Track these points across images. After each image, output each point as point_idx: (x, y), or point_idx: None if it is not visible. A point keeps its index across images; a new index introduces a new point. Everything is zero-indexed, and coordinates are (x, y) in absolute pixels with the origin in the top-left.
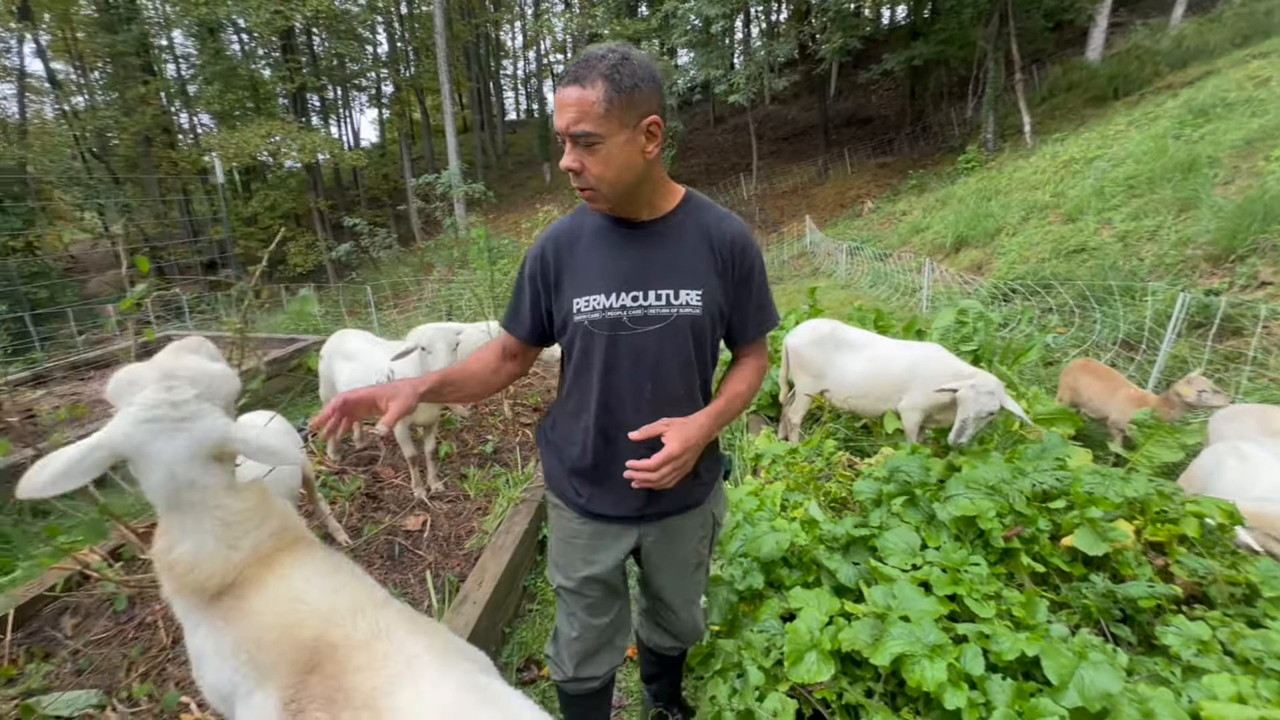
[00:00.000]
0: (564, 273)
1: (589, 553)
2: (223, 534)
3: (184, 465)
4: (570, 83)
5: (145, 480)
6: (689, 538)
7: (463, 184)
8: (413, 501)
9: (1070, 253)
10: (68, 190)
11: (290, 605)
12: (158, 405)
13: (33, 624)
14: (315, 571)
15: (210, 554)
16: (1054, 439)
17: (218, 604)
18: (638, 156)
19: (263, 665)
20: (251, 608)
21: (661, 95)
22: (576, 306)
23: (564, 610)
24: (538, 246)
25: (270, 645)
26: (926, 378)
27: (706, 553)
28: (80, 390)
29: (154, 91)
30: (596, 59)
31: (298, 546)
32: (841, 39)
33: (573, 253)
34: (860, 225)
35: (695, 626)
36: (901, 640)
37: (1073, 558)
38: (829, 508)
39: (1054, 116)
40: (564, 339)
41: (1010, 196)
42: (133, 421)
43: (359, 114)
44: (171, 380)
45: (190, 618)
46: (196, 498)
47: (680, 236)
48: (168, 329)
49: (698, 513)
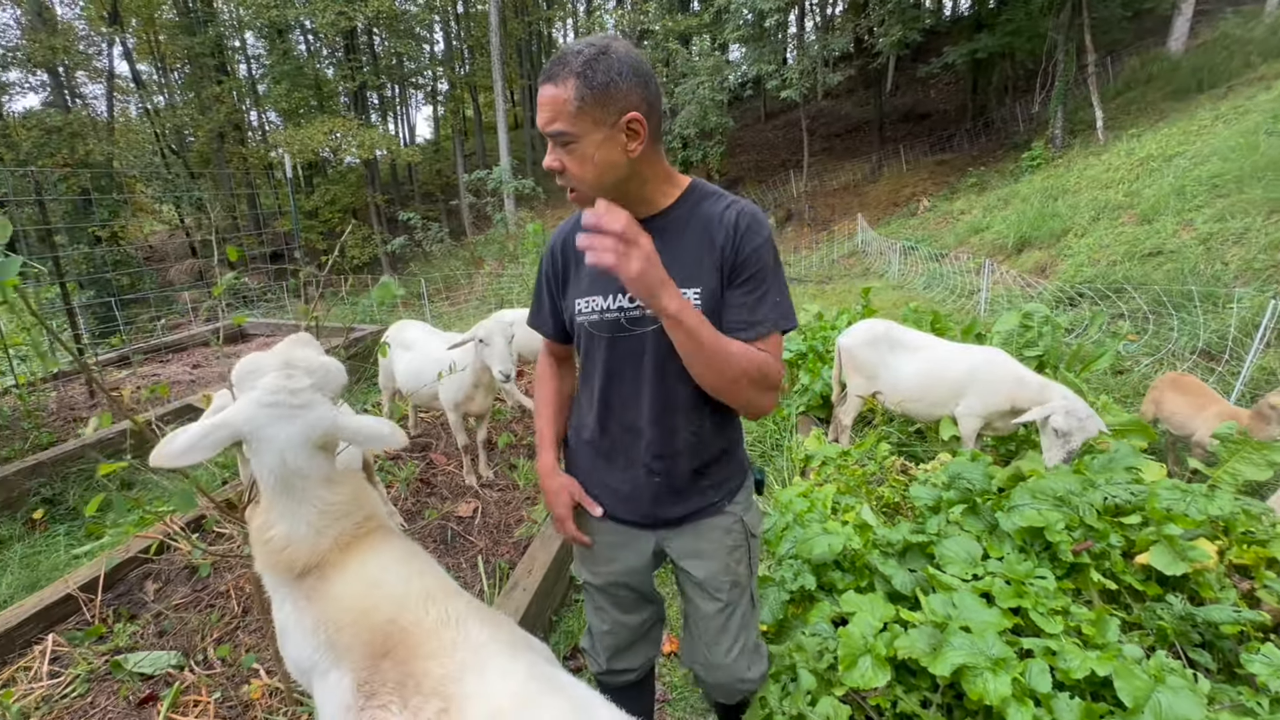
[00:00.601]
0: (569, 272)
1: (608, 551)
2: (315, 521)
3: (294, 450)
4: (544, 80)
5: (257, 461)
6: (717, 546)
7: (513, 180)
8: (464, 488)
9: (1145, 255)
10: (149, 184)
11: (367, 590)
12: (278, 391)
13: (120, 586)
14: (392, 559)
15: (301, 538)
16: (1125, 450)
17: (302, 582)
18: (619, 155)
19: (339, 646)
20: (332, 590)
21: (648, 89)
22: (578, 307)
23: (591, 604)
24: (549, 245)
25: (346, 627)
26: (986, 383)
27: (745, 572)
28: (159, 372)
29: (227, 91)
30: (571, 55)
31: (378, 535)
32: (901, 32)
33: (576, 253)
34: (915, 224)
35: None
36: (963, 651)
37: (1147, 576)
38: (881, 512)
39: (1129, 111)
40: (574, 340)
41: (1079, 195)
42: (254, 404)
43: (415, 111)
44: (290, 369)
45: (278, 592)
46: (299, 484)
47: (679, 232)
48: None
49: (721, 520)
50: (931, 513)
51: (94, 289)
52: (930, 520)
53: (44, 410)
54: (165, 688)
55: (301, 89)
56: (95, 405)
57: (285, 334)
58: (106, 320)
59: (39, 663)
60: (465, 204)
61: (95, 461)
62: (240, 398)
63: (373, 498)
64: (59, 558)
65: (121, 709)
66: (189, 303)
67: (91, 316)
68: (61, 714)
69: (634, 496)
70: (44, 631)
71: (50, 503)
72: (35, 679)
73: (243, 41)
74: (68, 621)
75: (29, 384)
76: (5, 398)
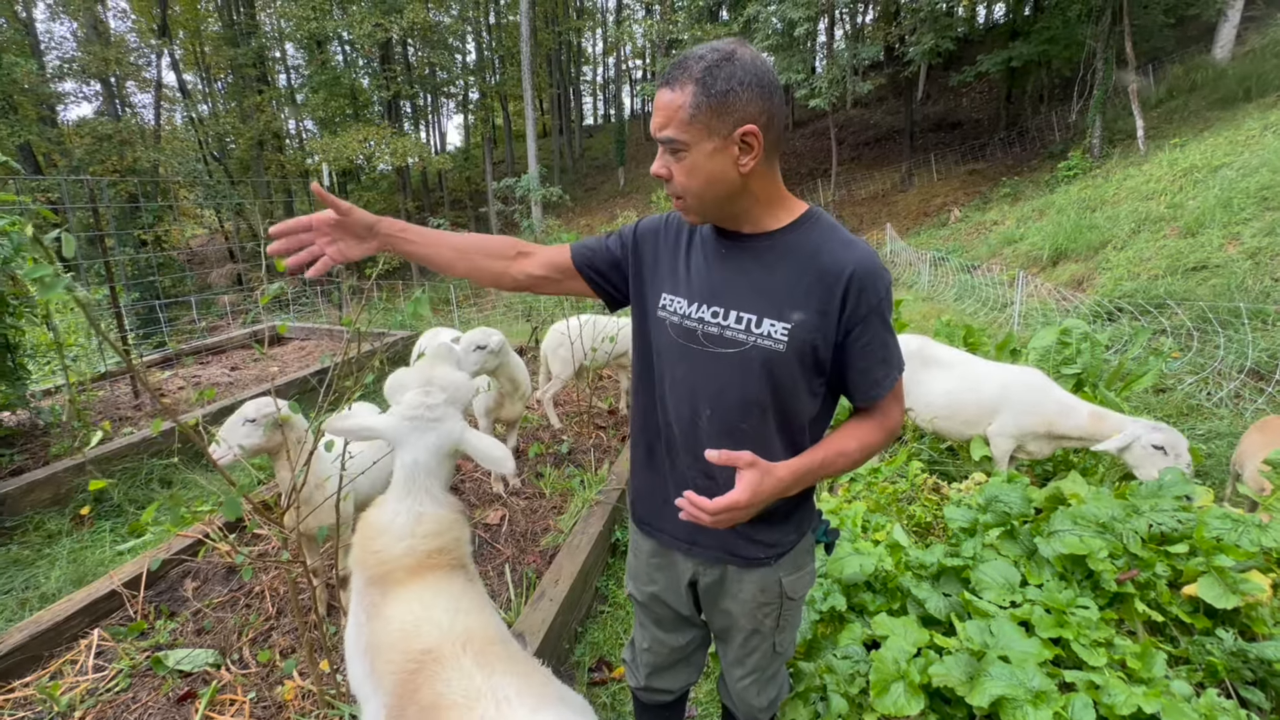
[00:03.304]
0: (661, 260)
1: (649, 569)
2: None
3: (428, 455)
4: (662, 84)
5: (399, 460)
6: (746, 599)
7: (541, 188)
8: (492, 496)
9: (1189, 270)
10: (191, 190)
11: (416, 614)
12: (417, 408)
13: (161, 584)
14: (448, 594)
15: (399, 529)
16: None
17: (369, 592)
18: (729, 169)
19: (379, 672)
20: (388, 609)
21: (771, 102)
22: (663, 301)
23: (636, 618)
24: (651, 221)
25: (387, 649)
26: (1020, 404)
27: (771, 626)
28: (200, 373)
29: (267, 100)
30: (693, 60)
31: (449, 570)
32: (933, 40)
33: (676, 245)
34: (946, 234)
35: (749, 701)
36: (1002, 681)
37: (1195, 609)
38: (912, 532)
39: (1172, 120)
40: (645, 329)
41: (1118, 207)
42: (399, 418)
43: (446, 119)
44: (429, 386)
45: (354, 600)
46: (423, 481)
47: (779, 259)
48: (272, 319)
49: (758, 575)
50: (966, 535)
51: (138, 291)
52: (965, 543)
53: (92, 409)
54: (203, 685)
55: (338, 98)
56: (139, 405)
57: (320, 338)
58: (149, 322)
59: (85, 656)
60: (493, 211)
61: (140, 460)
62: (390, 409)
63: (465, 537)
64: (104, 553)
65: (161, 705)
66: (228, 306)
67: (134, 317)
68: (105, 708)
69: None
70: (90, 626)
71: (97, 499)
72: (81, 672)
73: (283, 52)
74: (112, 616)
75: (79, 384)
76: (56, 396)
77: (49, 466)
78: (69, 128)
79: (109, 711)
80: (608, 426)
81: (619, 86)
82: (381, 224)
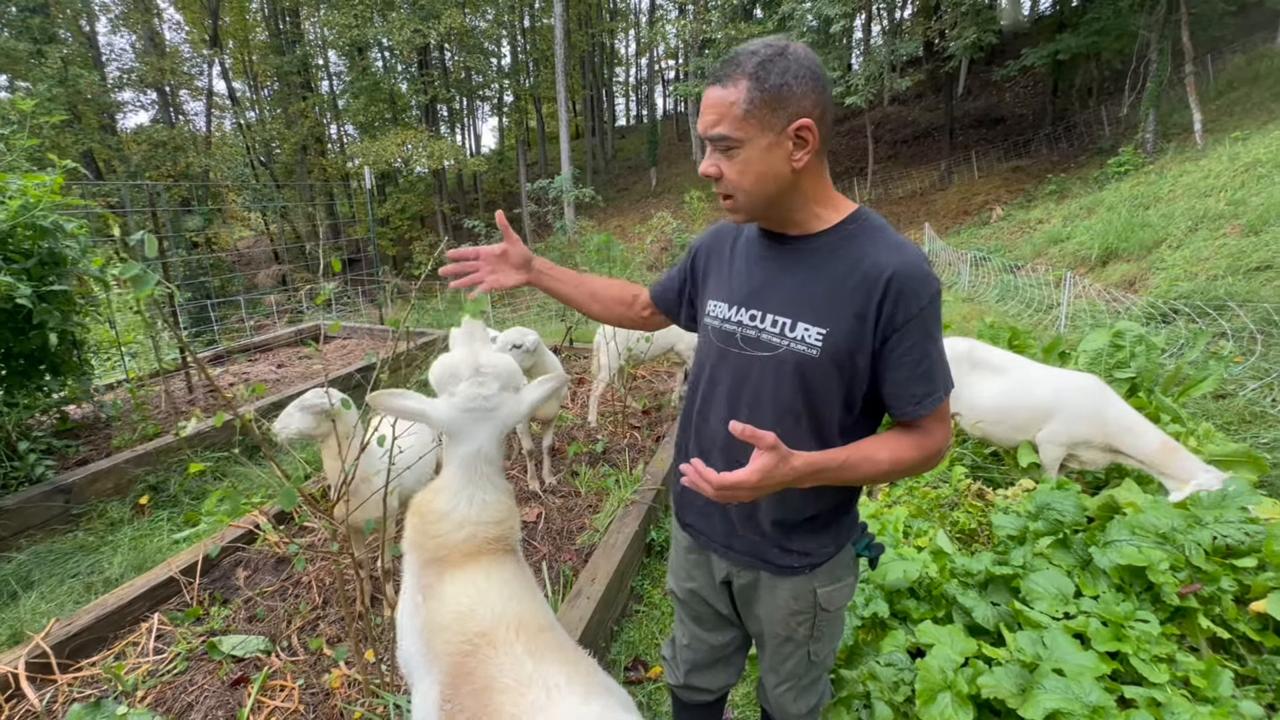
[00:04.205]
0: (711, 269)
1: (688, 566)
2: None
3: (489, 443)
4: (712, 83)
5: (457, 448)
6: (778, 605)
7: (574, 189)
8: (528, 494)
9: (1251, 270)
10: (239, 193)
11: (471, 597)
12: (474, 399)
13: (215, 572)
14: (501, 579)
15: (461, 516)
16: (1238, 485)
17: (425, 573)
18: (783, 165)
19: (435, 650)
20: (444, 589)
21: (823, 96)
22: (709, 307)
23: (676, 615)
24: (706, 236)
25: (443, 629)
26: (1074, 411)
27: (804, 635)
28: (248, 370)
29: (311, 106)
30: (745, 56)
31: (501, 554)
32: (975, 34)
33: (723, 252)
34: (987, 233)
35: (785, 708)
36: (1056, 695)
37: (1264, 626)
38: (955, 539)
39: (1232, 113)
40: (700, 335)
41: (1174, 204)
42: (457, 410)
43: (481, 122)
44: (482, 375)
45: (408, 580)
46: (485, 468)
47: (822, 262)
48: (315, 319)
49: (791, 584)
50: (1015, 543)
51: (190, 291)
52: (1014, 551)
53: (151, 404)
54: (255, 670)
55: (377, 103)
56: (193, 400)
57: (360, 337)
58: (200, 321)
59: (146, 639)
60: (526, 212)
61: (193, 455)
62: (443, 398)
63: (517, 522)
64: (162, 541)
65: (217, 688)
66: (274, 305)
67: (187, 316)
68: (164, 690)
69: (710, 514)
70: (150, 610)
71: (155, 489)
72: (142, 654)
73: (325, 60)
74: (170, 602)
75: (138, 379)
76: (118, 390)
77: (111, 457)
78: (127, 135)
79: (168, 693)
80: (642, 426)
81: (651, 87)
82: (535, 261)
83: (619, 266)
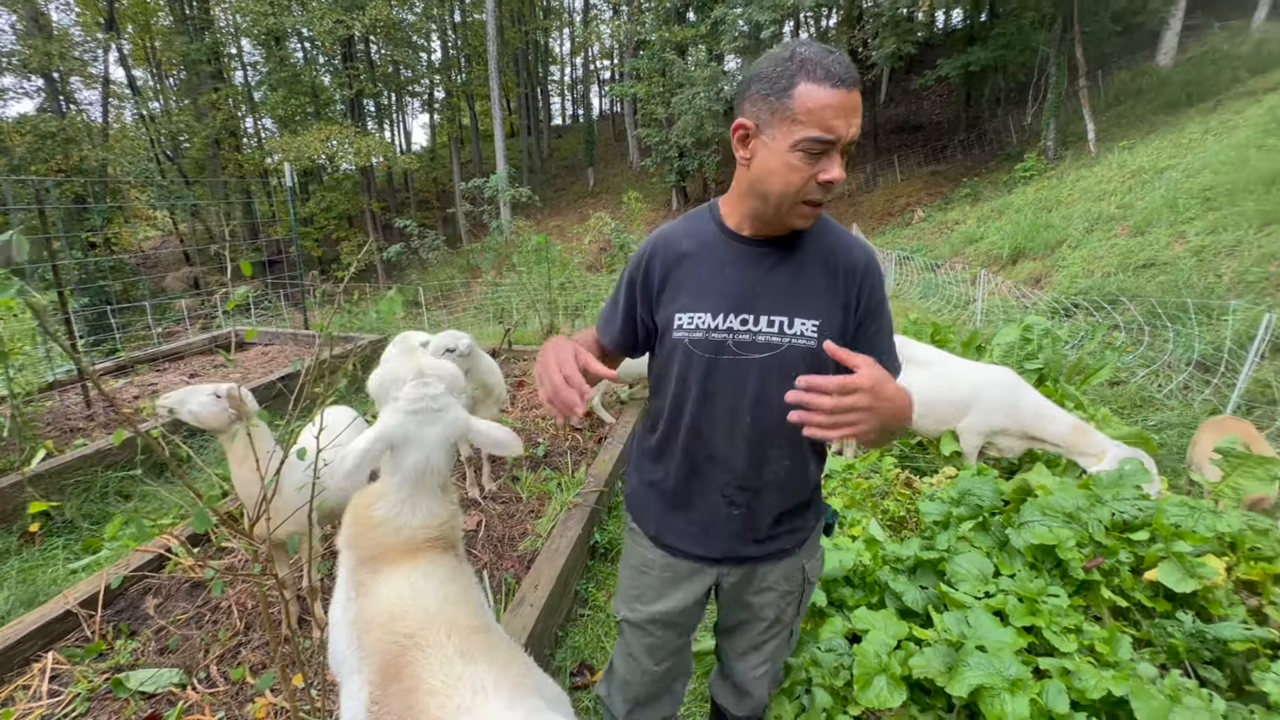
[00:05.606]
0: (669, 283)
1: (662, 586)
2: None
3: (437, 449)
4: (848, 85)
5: (404, 461)
6: (770, 588)
7: (509, 188)
8: (467, 501)
9: (1139, 267)
10: (143, 190)
11: (404, 596)
12: (420, 399)
13: (120, 603)
14: (438, 578)
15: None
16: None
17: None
18: None
19: (365, 648)
20: (378, 588)
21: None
22: (678, 322)
23: (622, 648)
24: (643, 250)
25: (375, 628)
26: (991, 402)
27: (792, 614)
28: (156, 380)
29: (223, 98)
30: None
31: (441, 551)
32: (895, 44)
33: (681, 263)
34: (910, 234)
35: (754, 692)
36: (980, 671)
37: (1156, 593)
38: (887, 526)
39: (1120, 124)
40: (661, 353)
41: (1072, 207)
42: (403, 413)
43: (411, 119)
44: (425, 377)
45: (342, 576)
46: (430, 479)
47: (806, 259)
48: (232, 324)
49: (783, 565)
50: (940, 529)
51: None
52: (939, 536)
53: (40, 421)
54: (168, 707)
55: (298, 96)
56: (91, 416)
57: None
58: (99, 329)
59: (38, 681)
60: (461, 212)
61: (95, 473)
62: (386, 409)
63: (459, 521)
64: (56, 572)
65: None
66: (185, 311)
67: (83, 324)
68: None
69: (708, 531)
70: (44, 648)
71: (47, 515)
72: (35, 698)
73: (239, 48)
74: (68, 638)
75: (25, 395)
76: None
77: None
78: (8, 125)
79: None
80: (584, 428)
81: (587, 87)
82: None
83: (557, 267)
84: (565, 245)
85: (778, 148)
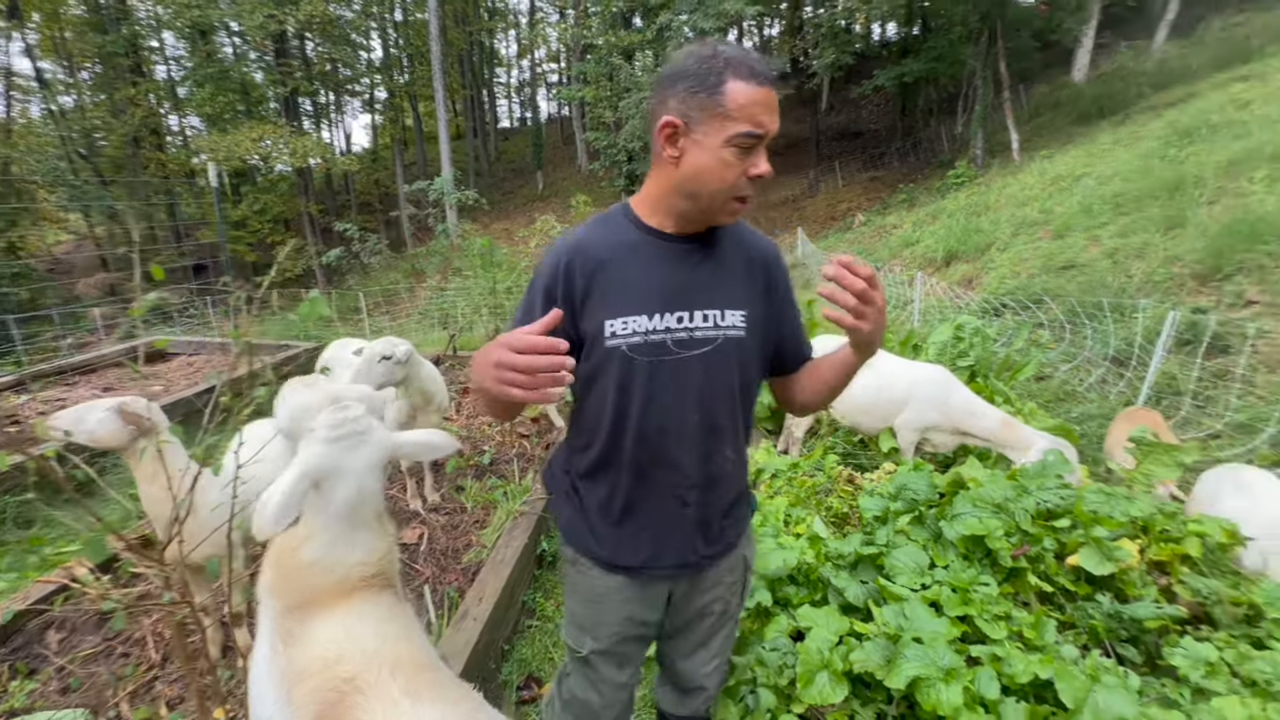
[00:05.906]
0: (593, 290)
1: (624, 608)
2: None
3: (368, 475)
4: (769, 82)
5: (333, 495)
6: (719, 582)
7: (455, 191)
8: (409, 514)
9: (1060, 269)
10: (53, 191)
11: (341, 639)
12: (340, 424)
13: (16, 640)
14: (376, 617)
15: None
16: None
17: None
18: None
19: (296, 702)
20: (310, 634)
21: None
22: (610, 329)
23: (586, 679)
24: (556, 258)
25: (309, 678)
26: (921, 399)
27: (736, 603)
28: (65, 395)
29: (143, 93)
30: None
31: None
32: (834, 55)
33: (605, 268)
34: (851, 238)
35: (707, 686)
36: (916, 663)
37: (1077, 577)
38: (830, 523)
39: (1041, 134)
40: (587, 365)
41: (1000, 212)
42: (324, 442)
43: (352, 119)
44: (341, 402)
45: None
46: (364, 510)
47: (725, 250)
48: (155, 333)
49: (728, 560)
50: (880, 523)
51: None
52: (879, 531)
53: None
54: None
55: (227, 93)
56: None
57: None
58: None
59: None
60: (405, 215)
61: None
62: (303, 442)
63: (396, 555)
64: None
65: None
66: (99, 320)
67: None
68: None
69: (662, 538)
70: None
71: None
72: None
73: (161, 41)
74: None
75: None
76: None
77: None
78: None
79: None
80: (531, 434)
81: (534, 90)
82: None
83: (503, 271)
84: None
85: (710, 144)
